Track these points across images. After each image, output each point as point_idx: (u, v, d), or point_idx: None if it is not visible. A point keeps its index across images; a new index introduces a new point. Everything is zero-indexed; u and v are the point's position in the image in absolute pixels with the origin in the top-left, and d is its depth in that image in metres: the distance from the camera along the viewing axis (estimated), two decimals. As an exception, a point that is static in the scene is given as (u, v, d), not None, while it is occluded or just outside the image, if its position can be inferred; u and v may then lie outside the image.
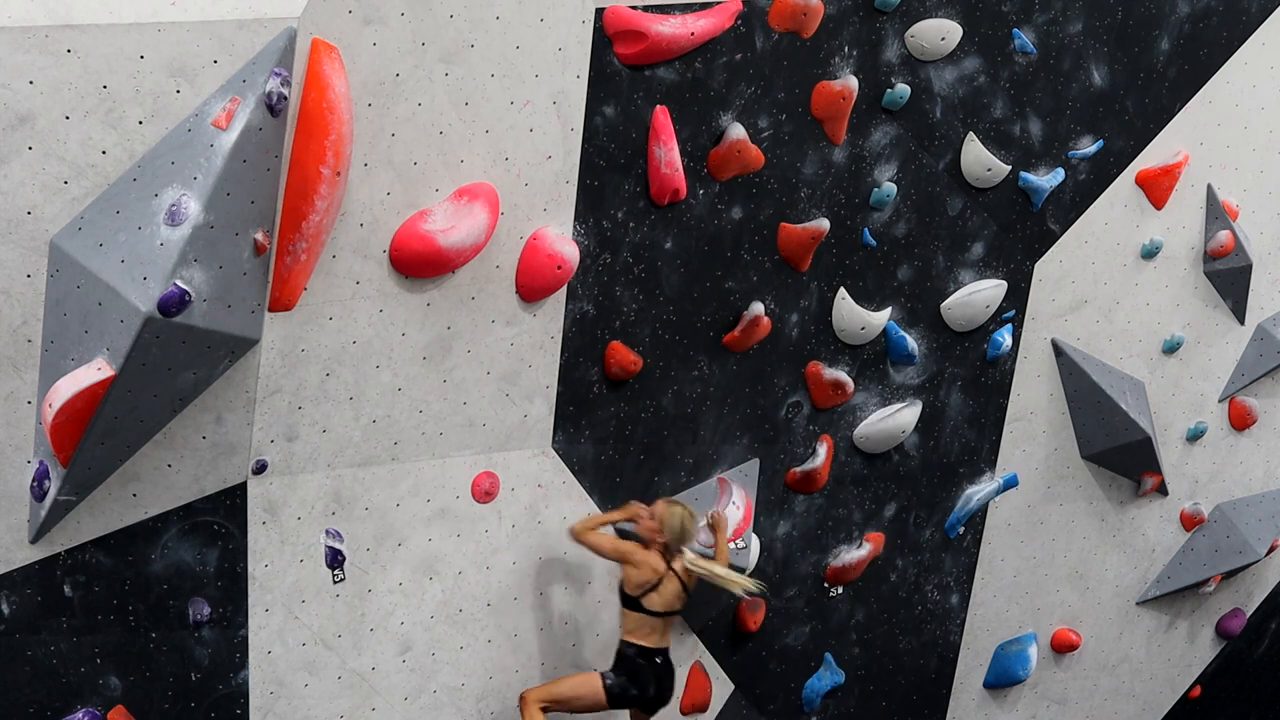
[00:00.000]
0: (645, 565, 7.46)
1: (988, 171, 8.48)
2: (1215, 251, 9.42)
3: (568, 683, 7.65)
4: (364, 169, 6.56)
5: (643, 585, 7.47)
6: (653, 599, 7.49)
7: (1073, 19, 8.45)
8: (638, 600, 7.50)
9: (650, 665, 7.58)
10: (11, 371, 6.16)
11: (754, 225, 7.87)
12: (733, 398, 8.17)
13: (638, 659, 7.57)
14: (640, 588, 7.48)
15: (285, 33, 6.10)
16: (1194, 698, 10.87)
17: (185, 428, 6.50)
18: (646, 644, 7.57)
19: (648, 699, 7.64)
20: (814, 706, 9.18)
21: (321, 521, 7.05)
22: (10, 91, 5.81)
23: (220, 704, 7.00)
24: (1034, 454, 9.39)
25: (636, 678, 7.58)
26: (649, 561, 7.47)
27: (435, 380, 7.15)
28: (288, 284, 6.44)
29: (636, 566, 7.44)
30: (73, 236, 5.99)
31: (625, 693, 7.59)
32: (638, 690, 7.59)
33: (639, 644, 7.58)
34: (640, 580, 7.47)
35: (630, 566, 7.46)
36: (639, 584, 7.47)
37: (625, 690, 7.58)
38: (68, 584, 6.53)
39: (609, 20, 7.06)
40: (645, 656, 7.58)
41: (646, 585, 7.47)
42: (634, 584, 7.48)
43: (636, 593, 7.49)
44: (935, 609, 9.46)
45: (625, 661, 7.59)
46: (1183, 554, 10.22)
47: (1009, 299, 8.87)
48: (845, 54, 7.82)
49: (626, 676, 7.58)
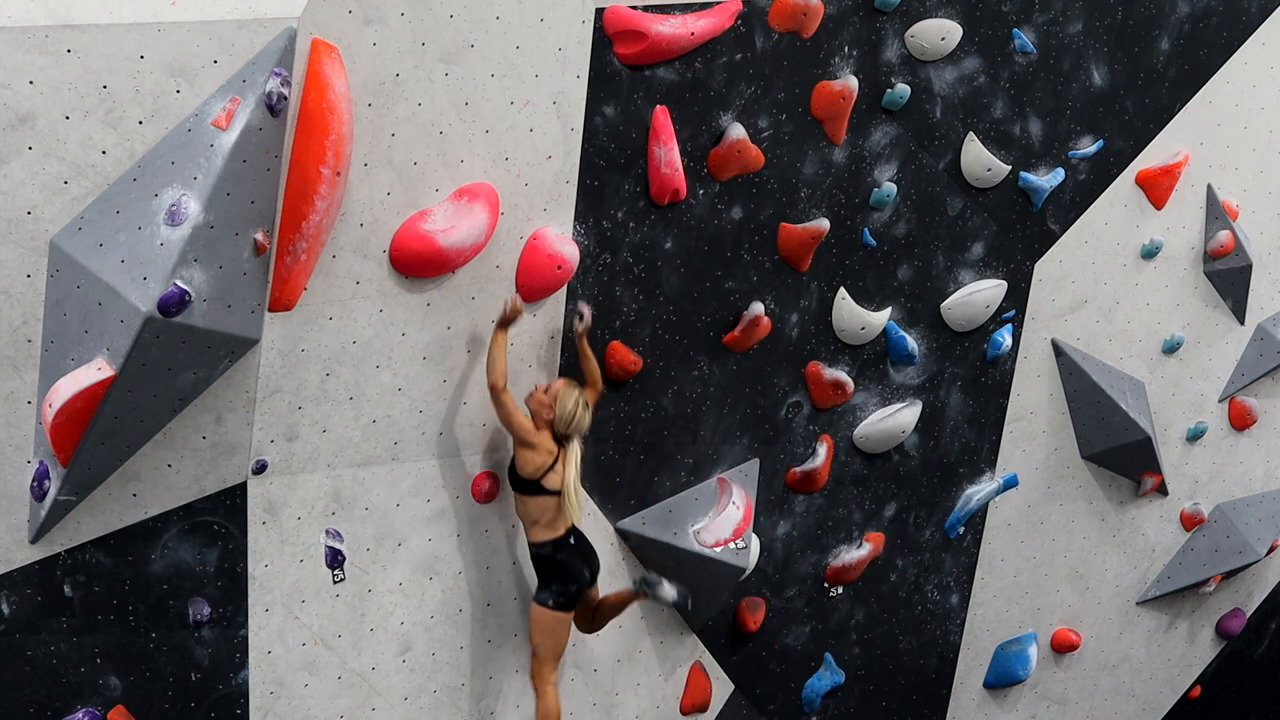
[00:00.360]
0: (541, 447, 7.08)
1: (988, 171, 8.48)
2: (1215, 251, 9.42)
3: (534, 638, 7.37)
4: (364, 169, 6.56)
5: (541, 467, 7.10)
6: (552, 478, 7.11)
7: (1073, 19, 8.45)
8: (538, 483, 7.11)
9: (570, 553, 7.24)
10: (11, 371, 6.16)
11: (754, 225, 7.87)
12: (733, 398, 8.17)
13: (555, 555, 7.23)
14: (539, 470, 7.10)
15: (285, 33, 6.10)
16: (1194, 698, 10.86)
17: (185, 428, 6.50)
18: (553, 535, 7.21)
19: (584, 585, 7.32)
20: (814, 706, 9.18)
21: (321, 521, 7.05)
22: (10, 91, 5.81)
23: (220, 704, 7.00)
24: (1034, 454, 9.39)
25: (567, 574, 7.24)
26: (544, 443, 7.10)
27: (435, 380, 7.15)
28: (288, 284, 6.44)
29: (534, 448, 7.07)
30: (73, 236, 5.99)
31: (567, 594, 7.27)
32: (576, 584, 7.27)
33: (548, 539, 7.22)
34: (539, 463, 7.09)
35: (527, 449, 7.07)
36: (538, 466, 7.10)
37: (566, 593, 7.27)
38: (68, 584, 6.53)
39: (609, 20, 7.06)
40: (560, 548, 7.23)
41: (544, 467, 7.10)
42: (532, 466, 7.10)
43: (536, 475, 7.11)
44: (935, 609, 9.46)
45: (546, 565, 7.26)
46: (1183, 554, 10.22)
47: (1009, 299, 8.87)
48: (845, 54, 7.82)
49: (558, 580, 7.25)
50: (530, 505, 7.19)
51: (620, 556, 8.07)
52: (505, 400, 7.01)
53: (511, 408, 7.05)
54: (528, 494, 7.17)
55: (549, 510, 7.17)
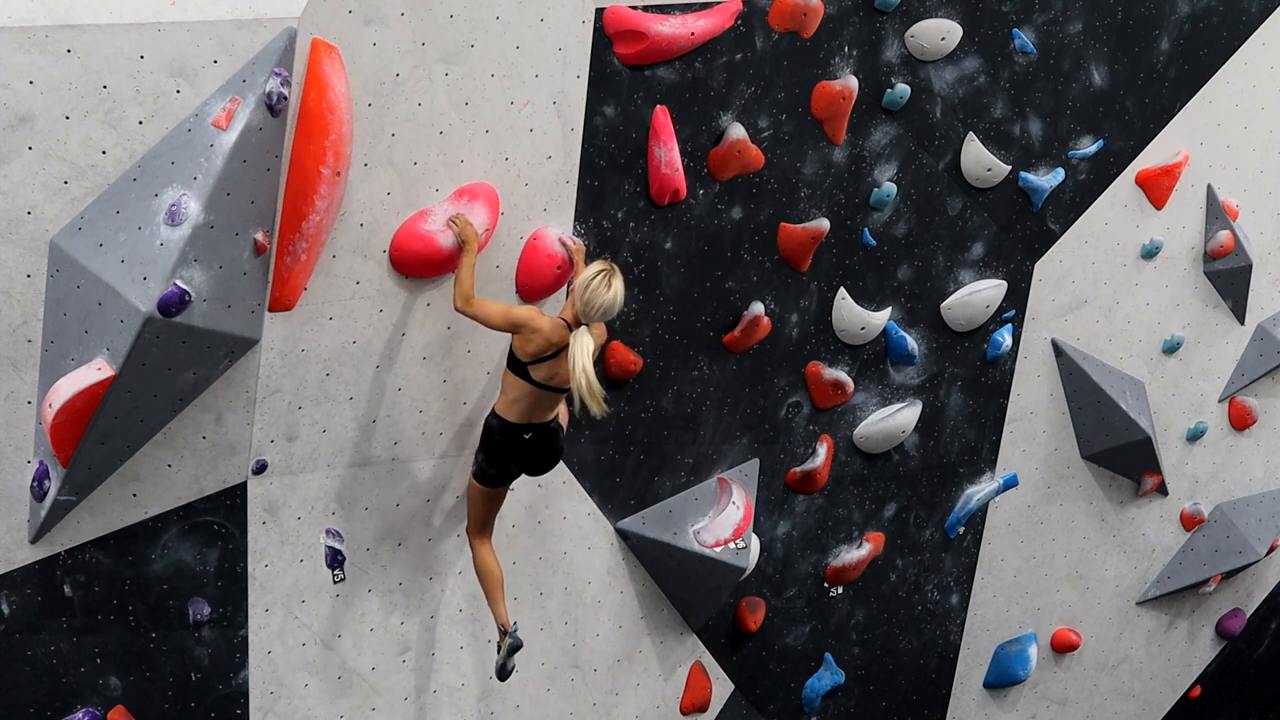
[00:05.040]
0: (540, 335, 6.63)
1: (988, 171, 8.48)
2: (1215, 251, 9.42)
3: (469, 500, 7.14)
4: (364, 169, 6.56)
5: (534, 353, 6.67)
6: (540, 369, 6.69)
7: (1073, 19, 8.45)
8: (524, 366, 6.71)
9: (511, 444, 6.85)
10: (11, 371, 6.16)
11: (754, 225, 7.87)
12: (733, 398, 8.17)
13: (498, 435, 6.86)
14: (533, 355, 6.67)
15: (285, 33, 6.10)
16: (1194, 698, 10.87)
17: (185, 428, 6.50)
18: (511, 418, 6.81)
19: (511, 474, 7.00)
20: (814, 706, 9.18)
21: (321, 521, 7.05)
22: (10, 91, 5.81)
23: (220, 704, 7.01)
24: (1034, 454, 9.39)
25: (495, 456, 6.90)
26: (546, 332, 6.64)
27: (435, 380, 7.15)
28: (288, 284, 6.45)
29: (528, 338, 6.64)
30: (73, 236, 5.99)
31: (485, 473, 6.96)
32: (496, 470, 6.93)
33: (504, 418, 6.82)
34: (532, 349, 6.66)
35: (521, 337, 6.66)
36: (531, 352, 6.67)
37: (484, 471, 6.95)
38: (68, 584, 6.53)
39: (609, 20, 7.06)
40: (509, 433, 6.84)
41: (538, 354, 6.67)
42: (526, 350, 6.68)
43: (527, 359, 6.69)
44: (935, 609, 9.46)
45: (486, 436, 6.91)
46: (1183, 554, 10.22)
47: (1009, 299, 8.87)
48: (845, 54, 7.82)
49: (484, 454, 6.93)
50: (509, 383, 6.81)
51: (620, 557, 8.08)
52: (480, 305, 6.63)
53: (490, 307, 6.66)
54: (513, 371, 6.77)
55: (522, 397, 6.77)
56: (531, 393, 6.76)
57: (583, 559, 7.94)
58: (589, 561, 7.96)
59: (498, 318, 6.64)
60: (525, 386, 6.74)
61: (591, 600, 8.06)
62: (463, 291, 6.61)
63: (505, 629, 7.08)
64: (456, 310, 6.65)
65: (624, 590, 8.15)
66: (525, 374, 6.72)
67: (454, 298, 6.65)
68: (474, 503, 7.12)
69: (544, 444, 6.94)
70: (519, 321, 6.64)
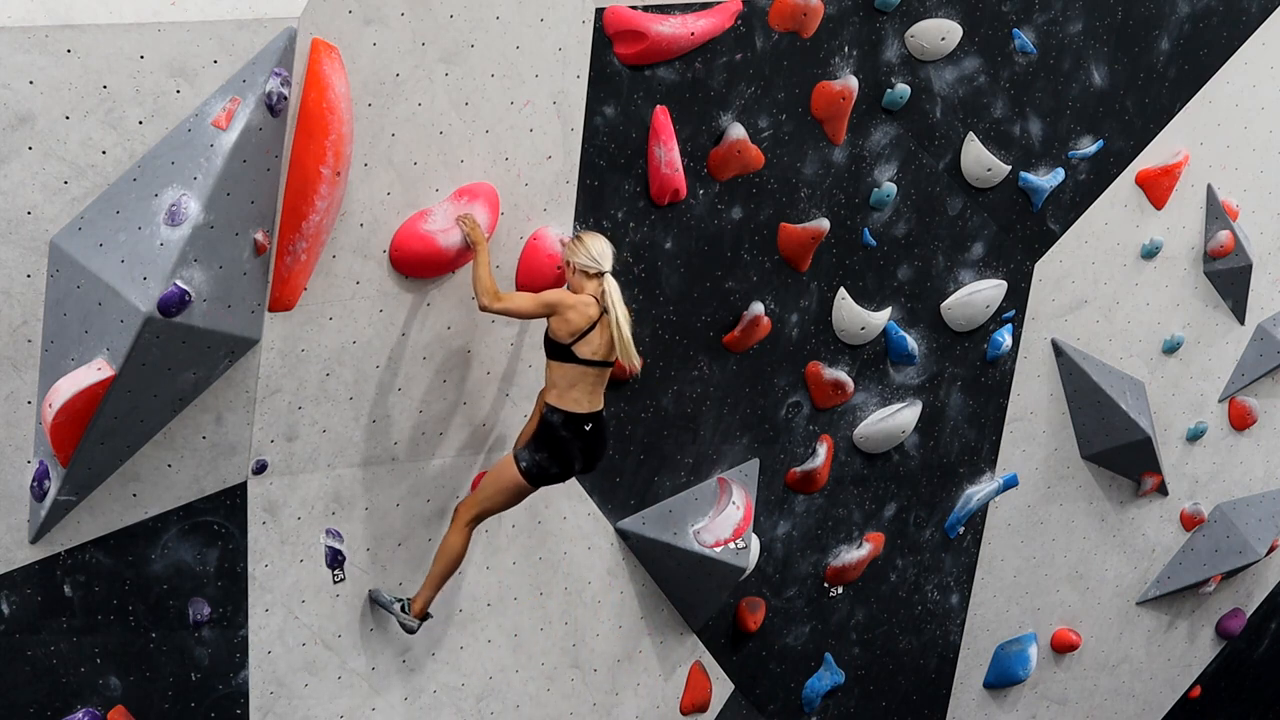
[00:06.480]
0: (576, 309, 6.56)
1: (988, 171, 8.48)
2: (1215, 251, 9.42)
3: (486, 481, 6.93)
4: (364, 169, 6.56)
5: (575, 331, 6.58)
6: (585, 345, 6.59)
7: (1073, 19, 8.45)
8: (569, 348, 6.57)
9: (577, 437, 6.69)
10: (11, 371, 6.16)
11: (754, 225, 7.87)
12: (733, 398, 8.17)
13: (562, 430, 6.67)
14: (573, 334, 6.58)
15: (285, 33, 6.10)
16: (1194, 698, 10.87)
17: (185, 428, 6.50)
18: (576, 409, 6.66)
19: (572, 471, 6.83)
20: (814, 706, 9.18)
21: (321, 521, 7.05)
22: (10, 91, 5.81)
23: (220, 704, 7.01)
24: (1034, 454, 9.40)
25: (560, 452, 6.69)
26: (580, 308, 6.58)
27: (435, 380, 7.15)
28: (288, 284, 6.45)
29: (565, 317, 6.56)
30: (73, 236, 5.99)
31: (544, 472, 6.74)
32: (559, 469, 6.74)
33: (566, 410, 6.64)
34: (572, 328, 6.58)
35: (558, 318, 6.58)
36: (571, 331, 6.58)
37: (544, 470, 6.73)
38: (68, 584, 6.53)
39: (609, 20, 7.06)
40: (572, 426, 6.68)
41: (579, 331, 6.58)
42: (565, 331, 6.59)
43: (568, 340, 6.58)
44: (935, 609, 9.46)
45: (548, 432, 6.69)
46: (1183, 554, 10.22)
47: (1009, 299, 8.87)
48: (845, 54, 7.83)
49: (547, 452, 6.70)
50: (557, 372, 6.67)
51: (620, 557, 8.08)
52: (509, 299, 6.57)
53: (520, 297, 6.62)
54: (558, 359, 6.65)
55: (577, 382, 6.64)
56: (583, 374, 6.66)
57: (583, 559, 7.94)
58: (589, 561, 7.96)
59: (531, 306, 6.59)
60: (576, 369, 6.65)
61: (591, 600, 8.06)
62: (486, 289, 6.54)
63: (420, 614, 7.08)
64: (483, 309, 6.59)
65: (624, 590, 8.15)
66: (571, 356, 6.62)
67: (477, 298, 6.59)
68: (501, 494, 6.89)
69: (600, 436, 6.83)
70: (553, 303, 6.58)
